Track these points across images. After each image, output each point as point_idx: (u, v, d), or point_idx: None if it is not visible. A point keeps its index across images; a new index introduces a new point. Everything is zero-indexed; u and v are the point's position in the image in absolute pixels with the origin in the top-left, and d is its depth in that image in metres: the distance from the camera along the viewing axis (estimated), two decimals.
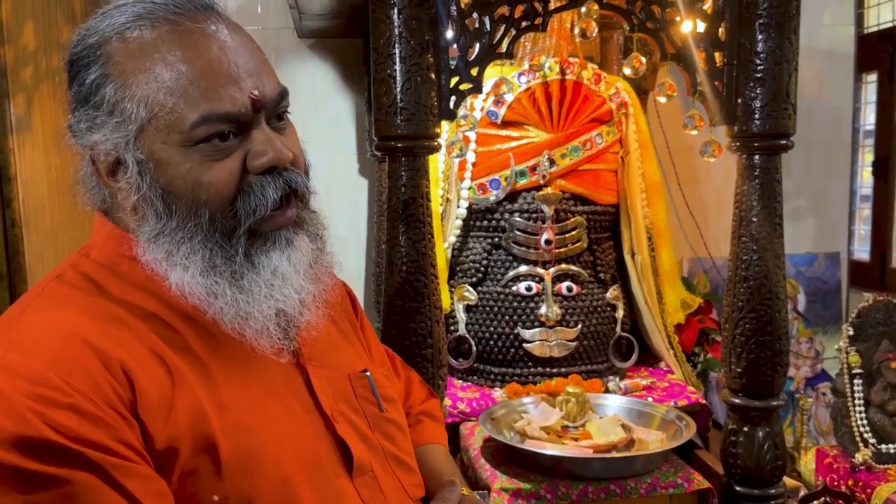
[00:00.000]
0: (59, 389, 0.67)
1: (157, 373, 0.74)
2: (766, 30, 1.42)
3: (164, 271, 0.78)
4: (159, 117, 0.76)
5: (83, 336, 0.72)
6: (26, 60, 1.59)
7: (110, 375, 0.71)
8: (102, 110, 0.77)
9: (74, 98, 0.80)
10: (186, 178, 0.77)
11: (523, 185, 1.80)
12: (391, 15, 1.33)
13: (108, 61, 0.77)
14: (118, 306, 0.77)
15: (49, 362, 0.69)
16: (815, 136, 2.45)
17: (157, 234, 0.78)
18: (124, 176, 0.79)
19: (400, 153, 1.38)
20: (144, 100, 0.76)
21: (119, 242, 0.82)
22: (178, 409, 0.73)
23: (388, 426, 0.93)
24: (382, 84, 1.36)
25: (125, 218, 0.82)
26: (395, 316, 1.38)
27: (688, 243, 2.34)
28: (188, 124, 0.76)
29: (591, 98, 1.83)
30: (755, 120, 1.44)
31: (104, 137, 0.78)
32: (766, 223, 1.46)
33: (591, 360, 1.86)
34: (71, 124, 0.81)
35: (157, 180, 0.77)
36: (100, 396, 0.69)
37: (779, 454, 1.51)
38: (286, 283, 0.81)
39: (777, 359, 1.48)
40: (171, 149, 0.77)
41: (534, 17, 1.42)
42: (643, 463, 1.45)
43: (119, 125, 0.77)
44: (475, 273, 1.87)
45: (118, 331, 0.75)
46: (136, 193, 0.78)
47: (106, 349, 0.72)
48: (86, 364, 0.70)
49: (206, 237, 0.78)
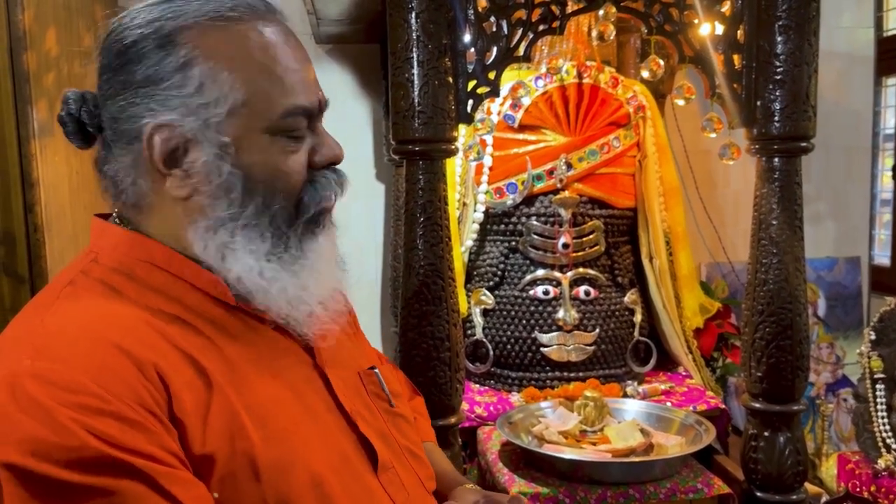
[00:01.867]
0: (98, 396, 0.65)
1: (191, 376, 0.72)
2: (785, 31, 1.41)
3: (220, 259, 0.78)
4: (253, 101, 0.77)
5: (113, 340, 0.69)
6: (48, 66, 1.61)
7: (146, 380, 0.68)
8: (183, 90, 0.76)
9: (129, 80, 0.77)
10: (267, 165, 0.79)
11: (540, 188, 1.80)
12: (409, 19, 1.34)
13: (194, 45, 0.76)
14: (141, 310, 0.75)
15: (84, 368, 0.66)
16: (834, 140, 2.42)
17: (226, 220, 0.78)
18: (190, 161, 0.77)
19: (417, 157, 1.38)
20: (241, 82, 0.77)
21: (132, 246, 0.80)
22: (213, 413, 0.72)
23: (399, 421, 0.94)
24: (400, 88, 1.36)
25: (154, 216, 0.80)
26: (413, 319, 1.38)
27: (706, 247, 2.33)
28: (279, 112, 0.78)
29: (609, 101, 1.82)
30: (775, 122, 1.43)
31: (177, 118, 0.76)
32: (787, 226, 1.45)
33: (608, 365, 1.85)
34: (117, 102, 0.77)
35: (237, 164, 0.77)
36: (138, 402, 0.67)
37: (800, 459, 1.49)
38: (328, 267, 0.85)
39: (798, 363, 1.46)
40: (256, 135, 0.78)
41: (551, 20, 1.42)
42: (662, 468, 1.43)
43: (202, 107, 0.76)
44: (492, 277, 1.86)
45: (146, 334, 0.72)
46: (215, 178, 0.77)
47: (138, 353, 0.69)
48: (120, 369, 0.68)
49: (271, 223, 0.80)
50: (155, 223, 0.81)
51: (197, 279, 0.79)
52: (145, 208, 0.81)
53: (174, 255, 0.80)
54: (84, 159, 1.79)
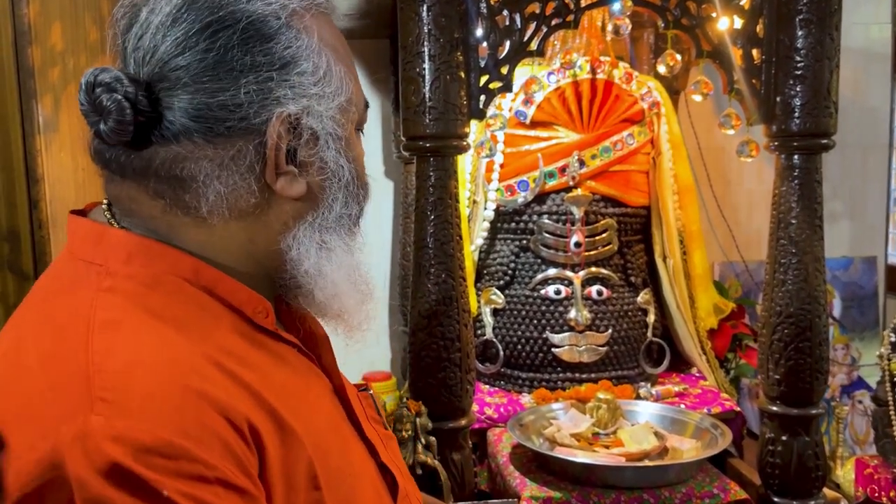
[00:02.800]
0: (202, 462, 0.55)
1: (264, 421, 0.62)
2: (806, 26, 1.37)
3: (324, 260, 0.72)
4: (353, 96, 0.74)
5: (196, 388, 0.58)
6: (54, 61, 1.60)
7: (237, 435, 0.59)
8: (314, 78, 0.69)
9: (256, 63, 0.66)
10: (359, 160, 0.76)
11: (552, 186, 1.77)
12: (420, 12, 1.31)
13: (316, 29, 0.70)
14: (187, 339, 0.62)
15: (177, 427, 0.55)
16: (850, 138, 2.38)
17: (339, 216, 0.73)
18: (307, 154, 0.70)
19: (428, 153, 1.35)
20: (345, 74, 0.72)
21: (150, 256, 0.67)
22: (289, 463, 0.63)
23: (393, 444, 0.88)
24: (411, 83, 1.33)
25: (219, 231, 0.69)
26: (423, 320, 1.36)
27: (719, 247, 2.29)
28: (363, 106, 0.77)
29: (623, 98, 1.79)
30: (794, 119, 1.39)
31: (306, 107, 0.69)
32: (806, 225, 1.41)
33: (621, 366, 1.82)
34: (227, 93, 0.65)
35: (348, 158, 0.73)
36: (236, 465, 0.58)
37: (819, 464, 1.46)
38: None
39: (817, 365, 1.43)
40: (352, 128, 0.75)
41: (565, 14, 1.39)
42: (677, 472, 1.40)
43: (326, 96, 0.70)
44: (503, 276, 1.83)
45: (216, 373, 0.61)
46: (336, 172, 0.71)
47: (224, 402, 0.59)
48: (214, 425, 0.57)
49: (356, 222, 0.77)
50: (222, 232, 0.69)
51: (231, 296, 0.69)
52: (220, 215, 0.68)
53: (204, 266, 0.68)
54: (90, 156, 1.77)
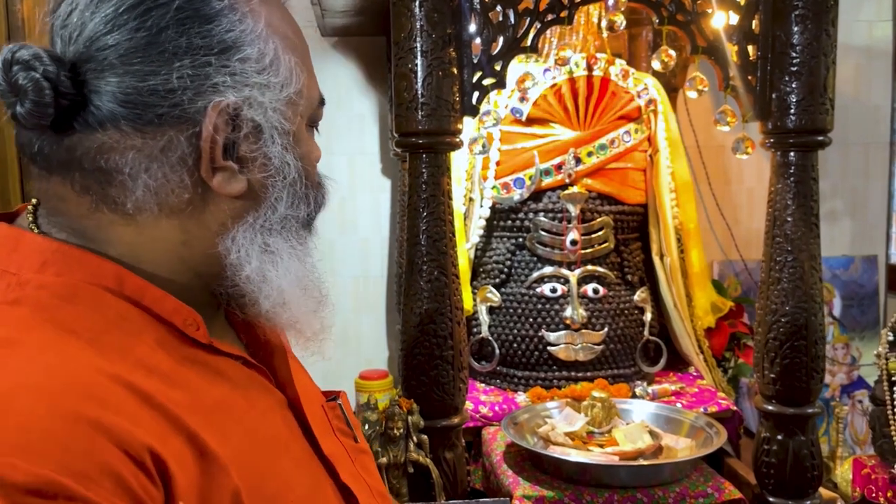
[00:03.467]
0: (83, 502, 0.48)
1: (178, 447, 0.56)
2: (802, 21, 1.36)
3: (257, 262, 0.66)
4: (304, 88, 0.68)
5: (89, 416, 0.51)
6: None
7: (135, 467, 0.52)
8: (259, 66, 0.64)
9: (192, 45, 0.61)
10: (308, 157, 0.71)
11: (548, 184, 1.76)
12: (412, 8, 1.30)
13: (264, 15, 0.65)
14: (100, 356, 0.56)
15: (58, 463, 0.48)
16: (851, 136, 2.37)
17: (285, 216, 0.68)
18: (248, 148, 0.64)
19: (421, 150, 1.34)
20: (296, 65, 0.67)
21: (68, 263, 0.60)
22: (208, 494, 0.57)
23: (365, 458, 0.82)
24: (403, 79, 1.32)
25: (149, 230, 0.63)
26: (415, 317, 1.35)
27: (718, 245, 2.28)
28: (316, 100, 0.72)
29: (619, 95, 1.78)
30: (790, 115, 1.38)
31: (248, 96, 0.63)
32: (802, 223, 1.40)
33: (617, 365, 1.81)
34: (159, 78, 0.60)
35: (296, 156, 0.68)
36: (129, 499, 0.51)
37: (815, 464, 1.45)
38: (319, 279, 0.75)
39: (813, 364, 1.42)
40: (303, 123, 0.70)
41: (559, 10, 1.38)
42: (671, 471, 1.39)
43: (273, 87, 0.65)
44: (498, 274, 1.83)
45: (121, 396, 0.54)
46: (281, 171, 0.66)
47: (121, 431, 0.52)
48: (103, 457, 0.50)
49: (305, 224, 0.71)
50: (151, 231, 0.64)
51: (157, 305, 0.63)
52: (148, 212, 0.63)
53: (127, 274, 0.62)
54: None
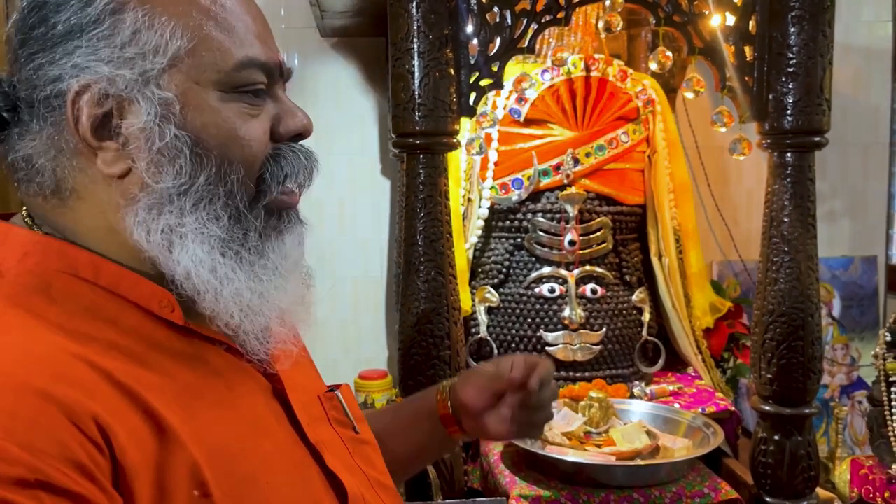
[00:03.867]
0: (23, 464, 0.51)
1: (136, 423, 0.58)
2: (798, 22, 1.36)
3: (166, 248, 0.65)
4: (199, 50, 0.65)
5: (38, 386, 0.55)
6: None
7: (81, 434, 0.54)
8: (114, 40, 0.63)
9: (48, 35, 0.64)
10: (221, 128, 0.66)
11: (547, 184, 1.76)
12: (409, 9, 1.31)
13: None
14: (67, 338, 0.60)
15: (4, 430, 0.52)
16: (851, 137, 2.37)
17: (174, 194, 0.65)
18: (124, 127, 0.64)
19: (418, 150, 1.35)
20: (183, 28, 0.65)
21: (46, 254, 0.65)
22: (164, 468, 0.59)
23: (365, 448, 0.83)
24: (400, 80, 1.33)
25: (80, 205, 0.66)
26: (412, 317, 1.35)
27: (718, 246, 2.28)
28: (232, 63, 0.67)
29: (617, 95, 1.78)
30: (787, 116, 1.38)
31: (109, 72, 0.63)
32: (799, 223, 1.40)
33: (615, 365, 1.81)
34: (37, 68, 0.64)
35: (183, 126, 0.65)
36: (75, 466, 0.53)
37: (811, 464, 1.45)
38: (292, 274, 0.72)
39: (810, 365, 1.42)
40: (206, 91, 0.66)
41: (556, 10, 1.38)
42: (668, 471, 1.40)
43: (137, 58, 0.64)
44: (497, 274, 1.83)
45: (78, 372, 0.58)
46: (157, 142, 0.64)
47: (71, 401, 0.55)
48: (49, 424, 0.54)
49: (229, 201, 0.67)
50: (82, 216, 0.67)
51: (133, 292, 0.66)
52: (69, 197, 0.66)
53: (102, 262, 0.66)
54: None
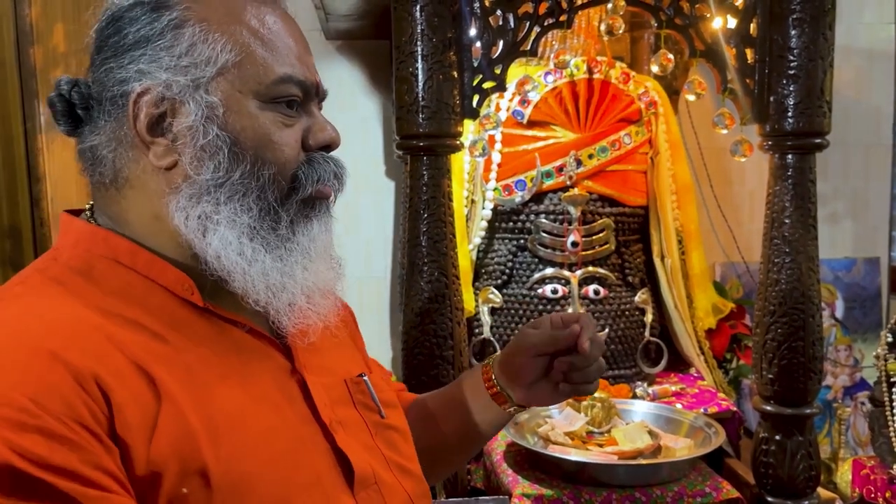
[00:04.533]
0: (25, 410, 0.59)
1: (139, 387, 0.66)
2: (799, 25, 1.37)
3: (201, 232, 0.74)
4: (245, 64, 0.76)
5: (50, 348, 0.63)
6: (56, 61, 1.62)
7: (84, 392, 0.62)
8: (174, 50, 0.74)
9: (122, 42, 0.75)
10: (257, 132, 0.76)
11: (550, 186, 1.78)
12: (413, 12, 1.32)
13: (186, 8, 0.75)
14: (93, 312, 0.69)
15: (13, 380, 0.60)
16: (853, 138, 2.37)
17: (212, 186, 0.74)
18: (174, 124, 0.74)
19: (421, 152, 1.37)
20: (232, 44, 0.75)
21: (94, 241, 0.76)
22: (162, 428, 0.66)
23: (391, 433, 0.88)
24: (404, 82, 1.34)
25: (131, 192, 0.76)
26: (416, 317, 1.37)
27: (720, 247, 2.29)
28: (272, 77, 0.76)
29: (620, 97, 1.79)
30: (788, 118, 1.40)
31: (167, 78, 0.74)
32: (800, 225, 1.41)
33: (618, 365, 1.82)
34: (108, 71, 0.75)
35: (224, 127, 0.75)
36: (74, 418, 0.61)
37: (812, 464, 1.46)
38: (319, 257, 0.80)
39: (811, 365, 1.43)
40: (247, 99, 0.76)
41: (558, 14, 1.40)
42: (670, 470, 1.41)
43: (191, 67, 0.74)
44: (500, 275, 1.84)
45: (92, 340, 0.66)
46: (200, 139, 0.74)
47: (77, 363, 0.63)
48: (55, 380, 0.62)
49: (260, 197, 0.76)
50: (132, 203, 0.76)
51: (162, 276, 0.75)
52: (123, 185, 0.76)
53: (140, 251, 0.76)
54: None
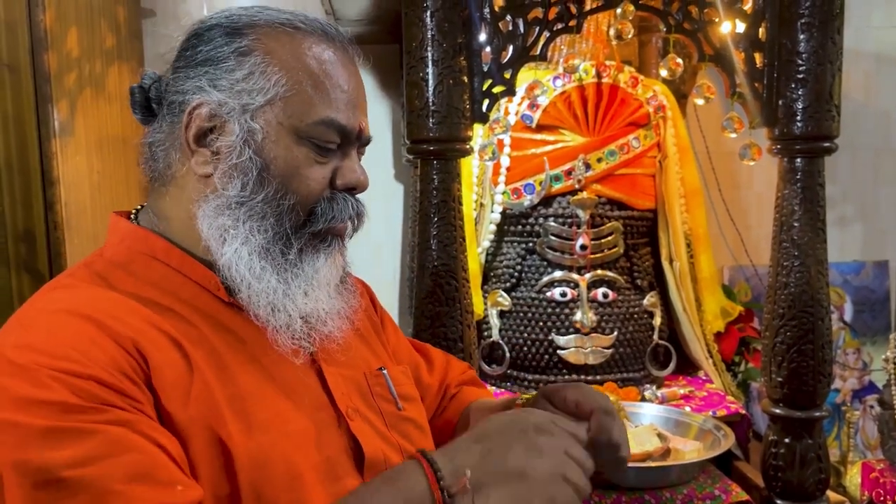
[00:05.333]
0: (78, 363, 0.68)
1: (174, 356, 0.75)
2: (808, 29, 1.38)
3: (218, 241, 0.81)
4: (292, 100, 0.81)
5: (96, 319, 0.73)
6: (70, 66, 1.63)
7: (124, 352, 0.71)
8: (234, 74, 0.81)
9: (196, 57, 0.83)
10: (288, 163, 0.82)
11: (558, 189, 1.78)
12: (424, 18, 1.33)
13: (257, 39, 0.82)
14: (132, 299, 0.78)
15: (65, 340, 0.70)
16: (862, 141, 2.38)
17: (234, 203, 0.81)
18: (217, 140, 0.81)
19: (432, 156, 1.37)
20: (286, 80, 0.81)
21: (135, 239, 0.84)
22: (192, 396, 0.73)
23: (406, 425, 0.93)
24: (414, 87, 1.35)
25: (173, 189, 0.84)
26: (426, 320, 1.37)
27: (729, 251, 2.29)
28: (313, 118, 0.82)
29: (628, 101, 1.80)
30: (797, 122, 1.40)
31: (221, 98, 0.81)
32: (809, 228, 1.42)
33: (627, 368, 1.83)
34: (177, 79, 0.84)
35: (259, 152, 0.81)
36: (117, 368, 0.70)
37: (822, 467, 1.46)
38: (321, 287, 0.85)
39: (820, 368, 1.43)
40: (285, 131, 0.82)
41: (568, 19, 1.41)
42: (679, 473, 1.41)
43: (244, 93, 0.81)
44: (509, 278, 1.85)
45: (129, 316, 0.75)
46: (235, 158, 0.81)
47: (117, 329, 0.72)
48: (100, 341, 0.71)
49: (278, 223, 0.82)
50: (173, 202, 0.85)
51: (193, 272, 0.82)
52: (169, 182, 0.85)
53: (174, 249, 0.83)
54: (104, 158, 1.81)
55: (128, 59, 1.95)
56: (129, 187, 1.94)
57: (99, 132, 1.77)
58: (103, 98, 1.80)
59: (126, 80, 1.93)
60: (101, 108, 1.79)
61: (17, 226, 1.56)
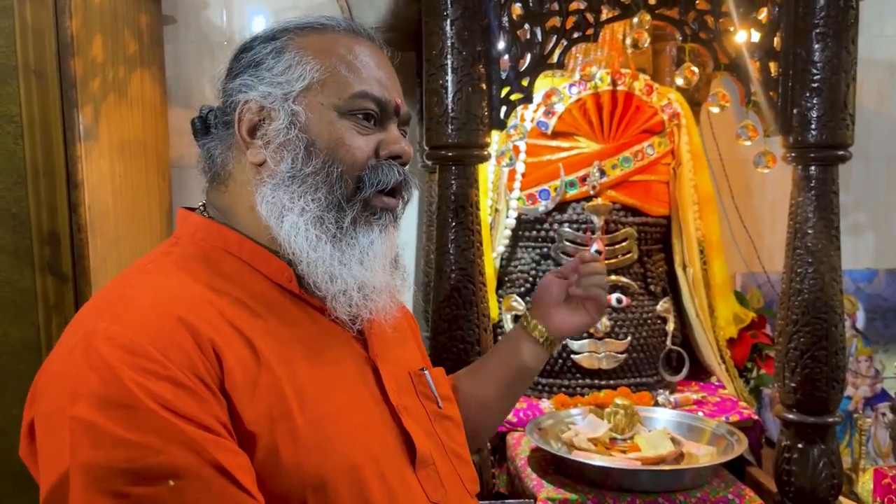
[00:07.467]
0: (157, 362, 0.72)
1: (244, 354, 0.79)
2: (823, 39, 1.39)
3: (278, 218, 0.86)
4: (329, 82, 0.89)
5: (179, 314, 0.76)
6: (94, 72, 1.66)
7: (202, 353, 0.75)
8: (273, 70, 0.89)
9: (240, 66, 0.92)
10: (332, 135, 0.88)
11: (573, 195, 1.80)
12: (443, 26, 1.36)
13: (290, 39, 0.91)
14: (207, 290, 0.82)
15: (148, 336, 0.73)
16: (875, 150, 2.38)
17: (287, 178, 0.86)
18: (267, 128, 0.88)
19: (450, 162, 1.40)
20: (321, 66, 0.89)
21: (208, 233, 0.90)
22: (260, 389, 0.77)
23: (447, 422, 0.99)
24: (434, 94, 1.38)
25: (231, 184, 0.90)
26: (443, 323, 1.39)
27: (741, 257, 2.30)
28: (350, 93, 0.89)
29: (643, 109, 1.82)
30: (811, 130, 1.41)
31: (265, 91, 0.88)
32: (823, 235, 1.43)
33: (640, 373, 1.84)
34: (228, 87, 0.92)
35: (305, 130, 0.87)
36: (193, 371, 0.73)
37: (835, 473, 1.47)
38: (376, 259, 0.90)
39: (833, 374, 1.44)
40: (327, 109, 0.89)
41: (585, 27, 1.43)
42: (693, 477, 1.42)
43: (284, 83, 0.88)
44: (524, 283, 1.87)
45: (208, 312, 0.79)
46: (281, 137, 0.87)
47: (199, 328, 0.76)
48: (181, 340, 0.74)
49: (329, 192, 0.87)
50: (235, 196, 0.91)
51: (266, 266, 0.88)
52: (228, 178, 0.91)
53: (246, 241, 0.89)
54: (126, 162, 1.84)
55: (149, 65, 1.98)
56: (149, 191, 1.97)
57: (121, 136, 1.80)
58: (125, 103, 1.83)
59: (147, 86, 1.97)
60: (124, 112, 1.82)
61: (42, 228, 1.59)
